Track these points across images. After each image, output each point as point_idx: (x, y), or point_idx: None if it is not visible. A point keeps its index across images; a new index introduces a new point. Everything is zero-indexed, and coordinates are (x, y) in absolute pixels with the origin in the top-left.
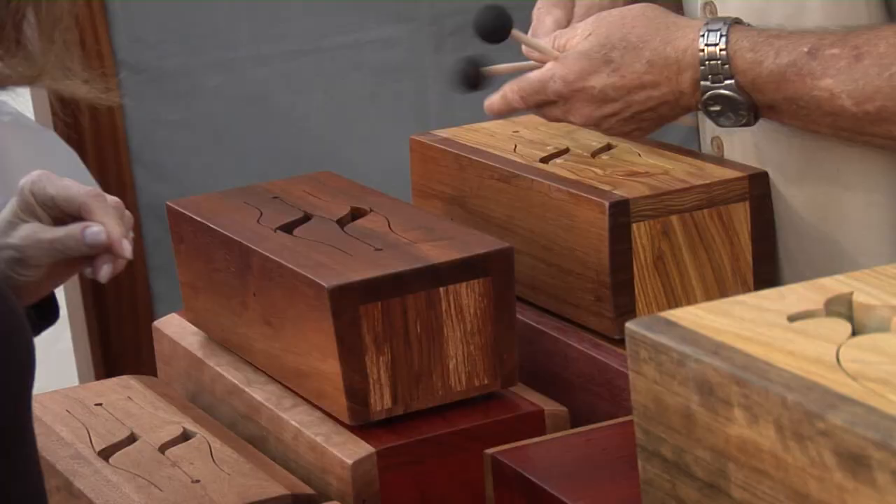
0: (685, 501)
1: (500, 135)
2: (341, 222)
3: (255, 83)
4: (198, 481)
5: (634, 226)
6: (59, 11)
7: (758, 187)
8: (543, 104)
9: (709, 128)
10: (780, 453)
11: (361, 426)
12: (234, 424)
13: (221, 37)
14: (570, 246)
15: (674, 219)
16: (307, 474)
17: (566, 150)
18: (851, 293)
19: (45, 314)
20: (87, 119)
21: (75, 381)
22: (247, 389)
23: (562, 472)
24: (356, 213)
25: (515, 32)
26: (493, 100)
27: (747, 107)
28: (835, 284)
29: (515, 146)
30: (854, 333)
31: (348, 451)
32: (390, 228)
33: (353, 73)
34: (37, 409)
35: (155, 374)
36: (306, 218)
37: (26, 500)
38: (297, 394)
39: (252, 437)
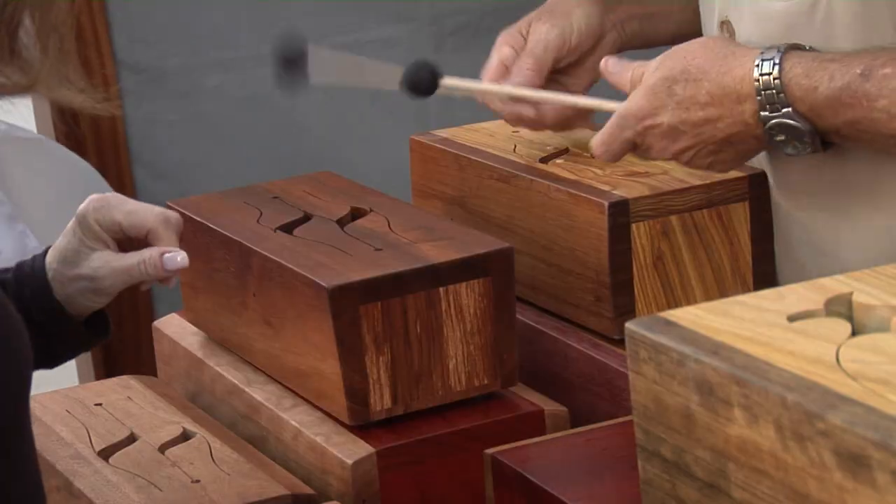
0: (685, 501)
1: (499, 135)
2: (341, 222)
3: (255, 83)
4: (198, 481)
5: (634, 226)
6: (56, 19)
7: (757, 187)
8: (629, 147)
9: None
10: (780, 453)
11: (361, 426)
12: (234, 424)
13: (221, 37)
14: (570, 246)
15: (673, 219)
16: (307, 474)
17: (566, 151)
18: (851, 293)
19: (96, 327)
20: (87, 119)
21: (75, 381)
22: (247, 389)
23: (562, 472)
24: (356, 213)
25: (449, 81)
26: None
27: (811, 134)
28: (835, 284)
29: (515, 146)
30: (854, 333)
31: (348, 451)
32: (390, 228)
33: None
34: (37, 409)
35: (155, 374)
36: (306, 218)
37: (25, 499)
38: (297, 394)
39: (252, 437)
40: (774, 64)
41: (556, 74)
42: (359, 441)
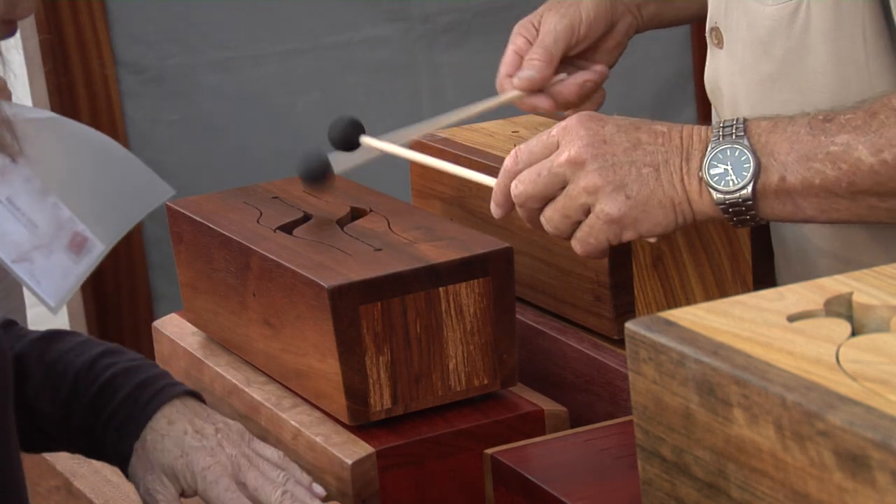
0: (685, 501)
1: (499, 135)
2: (341, 222)
3: (254, 83)
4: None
5: None
6: None
7: None
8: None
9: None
10: (780, 453)
11: (361, 426)
12: None
13: (220, 37)
14: (570, 246)
15: None
16: (307, 474)
17: None
18: (851, 293)
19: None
20: (88, 119)
21: None
22: (246, 389)
23: (562, 472)
24: (356, 213)
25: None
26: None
27: (752, 173)
28: (834, 284)
29: (515, 146)
30: (854, 333)
31: (348, 451)
32: (390, 228)
33: (348, 72)
34: None
35: None
36: (306, 218)
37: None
38: (296, 394)
39: None
40: (739, 120)
41: (573, 59)
42: (359, 441)
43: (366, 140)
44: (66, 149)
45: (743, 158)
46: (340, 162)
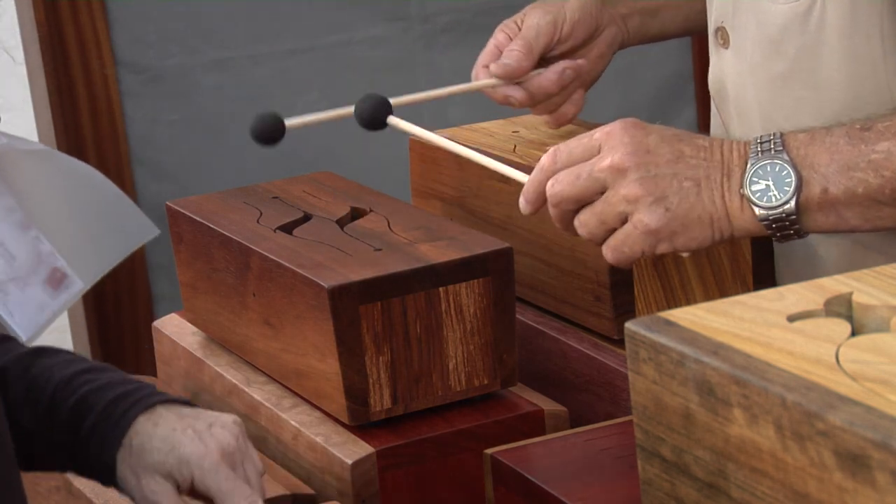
0: (685, 501)
1: (499, 135)
2: (341, 222)
3: (254, 83)
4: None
5: None
6: None
7: None
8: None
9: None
10: (780, 453)
11: (361, 426)
12: None
13: (220, 37)
14: (570, 246)
15: None
16: (307, 474)
17: None
18: (851, 293)
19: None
20: (87, 119)
21: None
22: (246, 389)
23: (562, 472)
24: (356, 213)
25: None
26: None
27: (794, 187)
28: (834, 284)
29: (515, 146)
30: (854, 333)
31: (348, 451)
32: (390, 228)
33: (347, 71)
34: None
35: (155, 374)
36: (306, 218)
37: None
38: (296, 394)
39: (252, 436)
40: (777, 134)
41: (554, 61)
42: (359, 441)
43: (394, 121)
44: (55, 182)
45: (784, 173)
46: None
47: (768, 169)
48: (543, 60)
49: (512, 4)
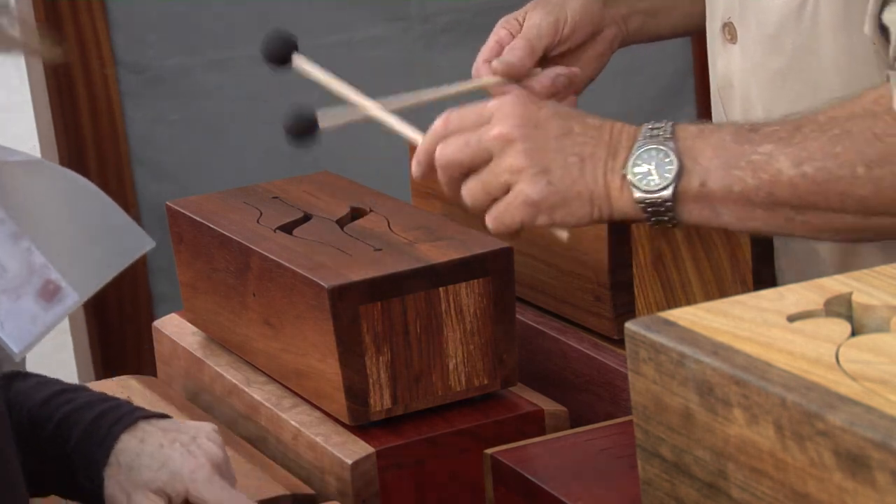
0: (685, 501)
1: None
2: (341, 222)
3: (254, 83)
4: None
5: (634, 226)
6: None
7: None
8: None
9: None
10: (780, 453)
11: (361, 426)
12: (233, 424)
13: (220, 37)
14: (570, 246)
15: None
16: (307, 474)
17: None
18: (851, 293)
19: None
20: (87, 119)
21: (75, 381)
22: (246, 389)
23: (562, 472)
24: (356, 213)
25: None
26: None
27: (674, 174)
28: (834, 284)
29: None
30: (853, 333)
31: (348, 451)
32: (390, 228)
33: (347, 71)
34: None
35: (155, 374)
36: (306, 218)
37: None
38: (296, 394)
39: (252, 436)
40: (667, 122)
41: (553, 61)
42: (359, 441)
43: (299, 60)
44: (47, 194)
45: (667, 160)
46: (327, 119)
47: (653, 154)
48: (543, 60)
49: (512, 5)
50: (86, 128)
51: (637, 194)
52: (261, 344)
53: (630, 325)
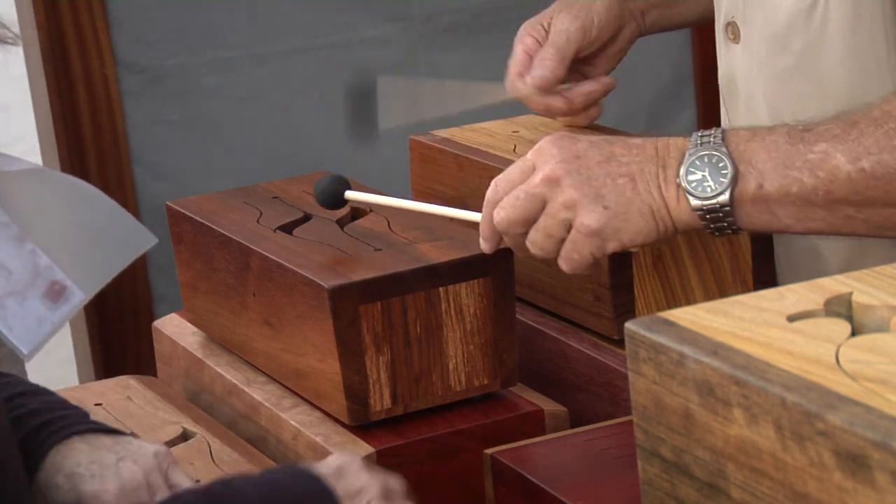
0: (685, 501)
1: (499, 135)
2: (341, 222)
3: (254, 83)
4: (198, 481)
5: None
6: None
7: None
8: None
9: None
10: (780, 453)
11: (361, 426)
12: (233, 424)
13: (220, 37)
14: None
15: None
16: None
17: None
18: (851, 293)
19: None
20: (87, 119)
21: (75, 382)
22: (246, 389)
23: (562, 472)
24: (356, 213)
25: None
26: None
27: (730, 178)
28: (834, 284)
29: (515, 146)
30: (853, 333)
31: (348, 451)
32: (390, 228)
33: (347, 71)
34: None
35: (155, 374)
36: (306, 218)
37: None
38: (296, 394)
39: (252, 437)
40: (717, 129)
41: (576, 64)
42: (359, 441)
43: (351, 195)
44: (49, 199)
45: (721, 165)
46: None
47: (706, 160)
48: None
49: (512, 5)
50: (86, 128)
51: (694, 202)
52: (261, 344)
53: (630, 325)
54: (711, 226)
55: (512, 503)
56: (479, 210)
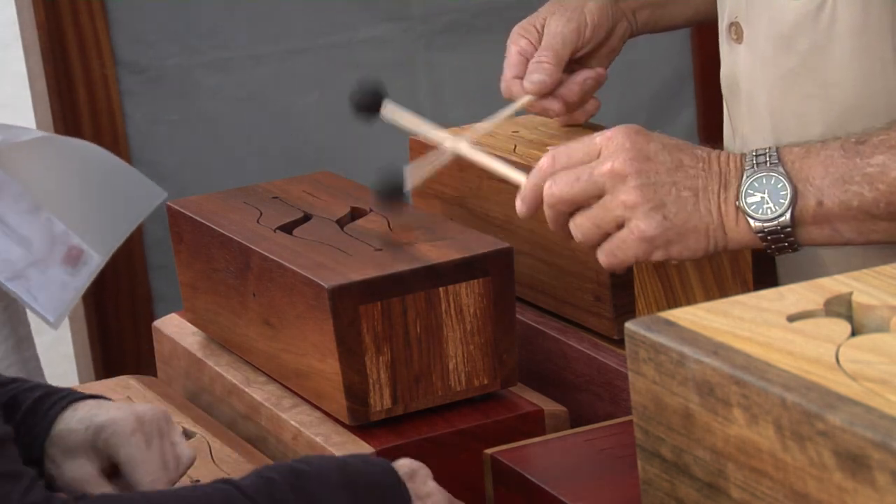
0: (685, 501)
1: (499, 135)
2: (341, 222)
3: (254, 83)
4: (198, 481)
5: None
6: None
7: None
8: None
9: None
10: (780, 453)
11: (361, 426)
12: (233, 424)
13: (220, 37)
14: (570, 246)
15: None
16: None
17: None
18: (851, 293)
19: None
20: (87, 119)
21: (75, 381)
22: (246, 389)
23: (562, 472)
24: (356, 213)
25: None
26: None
27: (790, 199)
28: (834, 284)
29: (515, 146)
30: (853, 333)
31: (348, 451)
32: (390, 228)
33: (347, 71)
34: None
35: (155, 374)
36: (306, 218)
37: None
38: (296, 394)
39: (252, 437)
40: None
41: (569, 64)
42: (359, 441)
43: (389, 109)
44: (57, 166)
45: (779, 186)
46: (415, 174)
47: (764, 181)
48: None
49: (512, 5)
50: (86, 128)
51: (755, 224)
52: (261, 344)
53: (630, 325)
54: (772, 246)
55: (512, 503)
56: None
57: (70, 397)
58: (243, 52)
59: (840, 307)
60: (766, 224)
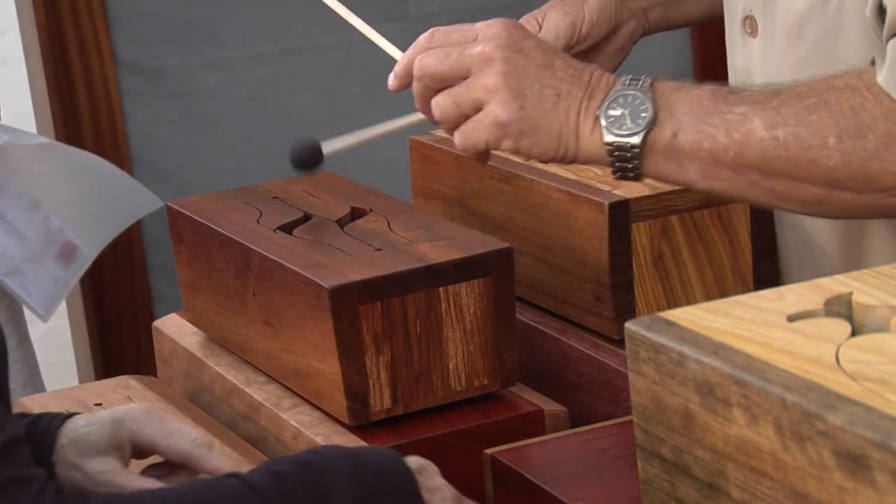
0: (685, 501)
1: None
2: (341, 222)
3: (253, 82)
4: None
5: (634, 226)
6: None
7: None
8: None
9: None
10: (780, 453)
11: (361, 426)
12: (233, 424)
13: (219, 37)
14: (570, 246)
15: (673, 219)
16: None
17: None
18: (851, 293)
19: None
20: (87, 119)
21: (75, 381)
22: (246, 389)
23: (561, 472)
24: (356, 213)
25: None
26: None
27: (648, 122)
28: (834, 284)
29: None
30: (853, 333)
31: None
32: (390, 228)
33: (347, 71)
34: (36, 409)
35: (155, 374)
36: (306, 218)
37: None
38: (296, 394)
39: (252, 437)
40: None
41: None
42: (358, 441)
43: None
44: (57, 170)
45: (642, 107)
46: (330, 145)
47: (629, 100)
48: None
49: (512, 4)
50: (86, 128)
51: (607, 136)
52: (261, 344)
53: (630, 325)
54: (616, 164)
55: (512, 503)
56: None
57: (60, 416)
58: (243, 53)
59: (840, 307)
60: (617, 139)
